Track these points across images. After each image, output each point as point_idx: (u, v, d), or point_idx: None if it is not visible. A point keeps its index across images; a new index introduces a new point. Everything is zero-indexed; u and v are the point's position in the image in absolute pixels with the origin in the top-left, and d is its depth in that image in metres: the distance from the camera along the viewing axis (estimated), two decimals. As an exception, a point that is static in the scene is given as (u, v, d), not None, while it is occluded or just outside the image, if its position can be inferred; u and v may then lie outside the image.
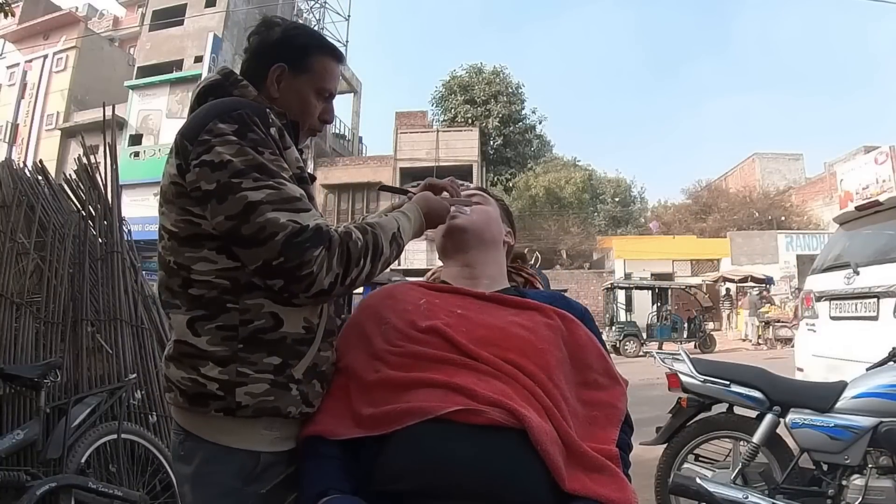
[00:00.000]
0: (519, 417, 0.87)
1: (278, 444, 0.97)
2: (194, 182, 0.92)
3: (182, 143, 0.95)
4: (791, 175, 25.85)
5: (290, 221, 0.89)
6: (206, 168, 0.91)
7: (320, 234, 0.91)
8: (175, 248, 0.96)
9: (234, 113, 0.95)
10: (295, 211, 0.91)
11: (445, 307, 1.07)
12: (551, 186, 24.15)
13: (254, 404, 0.93)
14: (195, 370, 0.93)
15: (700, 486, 2.15)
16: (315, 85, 1.11)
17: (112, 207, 3.07)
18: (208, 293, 0.94)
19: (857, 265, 3.52)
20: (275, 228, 0.88)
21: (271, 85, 1.08)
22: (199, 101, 1.05)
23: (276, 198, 0.90)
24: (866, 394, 2.16)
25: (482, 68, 26.33)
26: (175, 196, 0.96)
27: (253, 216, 0.88)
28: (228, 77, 1.06)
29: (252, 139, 0.93)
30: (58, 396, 2.46)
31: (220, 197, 0.90)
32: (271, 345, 0.94)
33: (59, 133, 22.37)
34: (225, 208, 0.90)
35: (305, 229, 0.89)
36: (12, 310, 2.52)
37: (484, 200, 1.26)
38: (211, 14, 21.38)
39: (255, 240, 0.88)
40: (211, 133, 0.92)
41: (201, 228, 0.95)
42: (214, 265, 0.94)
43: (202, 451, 0.95)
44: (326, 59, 1.11)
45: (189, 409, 0.95)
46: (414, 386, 0.94)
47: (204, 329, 0.94)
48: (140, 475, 2.55)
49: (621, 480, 0.90)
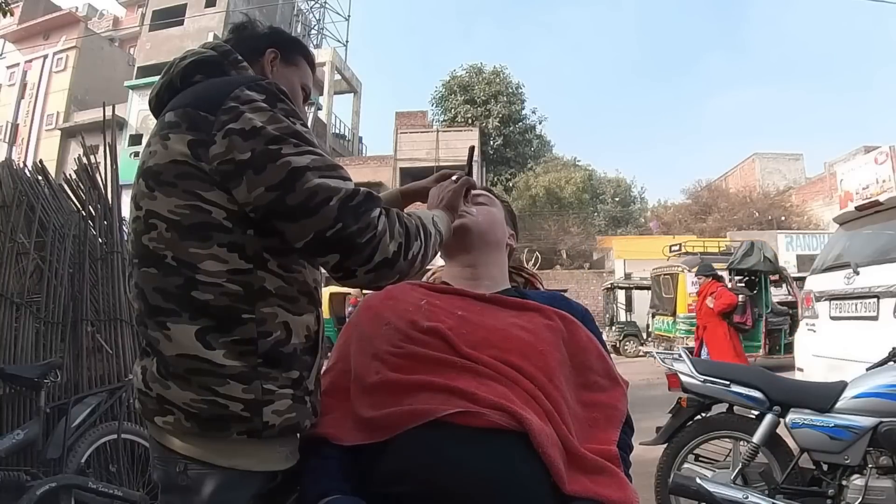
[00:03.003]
0: (519, 420, 0.87)
1: (291, 459, 0.92)
2: (223, 155, 0.81)
3: (196, 115, 0.84)
4: (791, 175, 25.84)
5: (341, 183, 0.81)
6: (237, 136, 0.81)
7: (373, 196, 0.83)
8: (175, 241, 0.83)
9: (263, 82, 0.87)
10: (340, 178, 0.82)
11: (446, 308, 1.07)
12: (551, 186, 24.15)
13: (280, 423, 0.85)
14: (209, 390, 0.82)
15: (700, 486, 2.15)
16: (301, 79, 1.08)
17: (112, 207, 3.07)
18: (217, 300, 0.82)
19: (857, 265, 3.53)
20: (328, 192, 0.79)
21: (266, 66, 1.03)
22: (186, 75, 0.94)
23: (321, 164, 0.81)
24: (866, 394, 2.16)
25: (482, 68, 26.34)
26: (178, 176, 0.83)
27: (299, 183, 0.79)
28: (227, 55, 0.96)
29: (282, 109, 0.85)
30: (58, 396, 2.46)
31: (258, 167, 0.80)
32: (288, 358, 0.88)
33: (59, 133, 22.39)
34: (265, 178, 0.79)
35: (358, 192, 0.82)
36: (12, 310, 2.53)
37: (489, 202, 1.25)
38: (211, 14, 21.42)
39: (305, 209, 0.79)
40: (238, 100, 0.83)
41: (211, 216, 0.83)
42: (225, 265, 0.83)
43: (215, 478, 0.84)
44: (307, 63, 1.11)
45: (199, 434, 0.84)
46: (414, 388, 0.94)
47: (218, 342, 0.82)
48: (140, 475, 2.56)
49: (622, 480, 0.90)
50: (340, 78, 25.31)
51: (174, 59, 0.98)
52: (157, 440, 0.89)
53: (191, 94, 0.89)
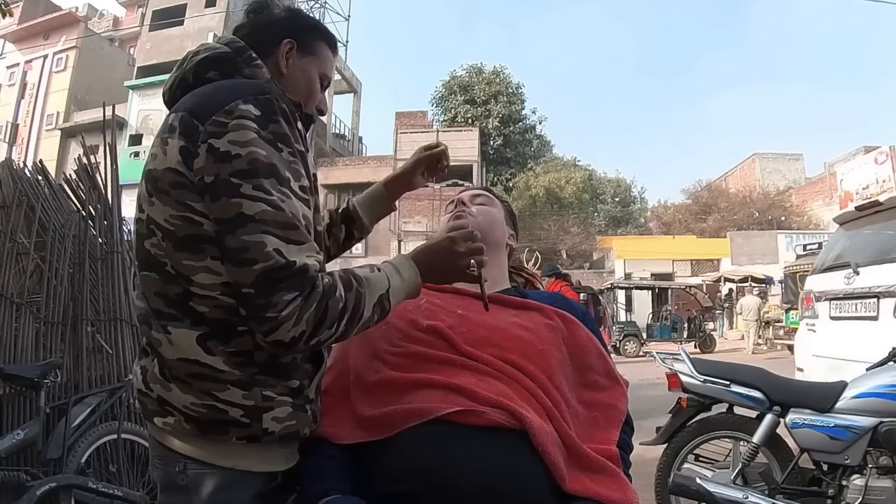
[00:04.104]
0: (519, 418, 0.87)
1: (290, 460, 0.93)
2: (200, 170, 0.80)
3: (190, 122, 0.82)
4: (791, 175, 25.88)
5: (276, 252, 0.77)
6: (211, 156, 0.79)
7: (303, 278, 0.78)
8: (171, 252, 0.82)
9: (263, 97, 0.82)
10: (286, 240, 0.78)
11: (446, 307, 1.07)
12: (551, 186, 24.18)
13: (279, 430, 0.85)
14: (209, 395, 0.82)
15: (700, 486, 2.15)
16: (320, 69, 1.02)
17: (112, 207, 3.07)
18: (212, 313, 0.82)
19: (857, 265, 3.52)
20: (256, 255, 0.76)
21: (281, 60, 0.96)
22: (199, 72, 0.92)
23: (271, 218, 0.78)
24: (866, 394, 2.16)
25: (482, 68, 26.40)
26: (172, 185, 0.82)
27: (240, 231, 0.77)
28: (241, 52, 0.92)
29: (274, 131, 0.81)
30: (58, 396, 2.46)
31: (214, 195, 0.79)
32: (287, 368, 0.87)
33: (59, 133, 22.39)
34: (216, 209, 0.79)
35: (288, 267, 0.77)
36: (12, 310, 2.53)
37: (489, 202, 1.25)
38: (211, 14, 21.42)
39: (233, 257, 0.78)
40: (230, 115, 0.80)
41: (202, 229, 0.81)
42: (219, 278, 0.81)
43: (215, 478, 0.85)
44: (328, 47, 1.04)
45: (199, 436, 0.84)
46: (414, 387, 0.94)
47: (218, 349, 0.83)
48: (140, 475, 2.56)
49: (622, 480, 0.89)
50: (340, 78, 25.28)
51: (188, 53, 0.95)
52: (156, 439, 0.88)
53: (194, 97, 0.87)
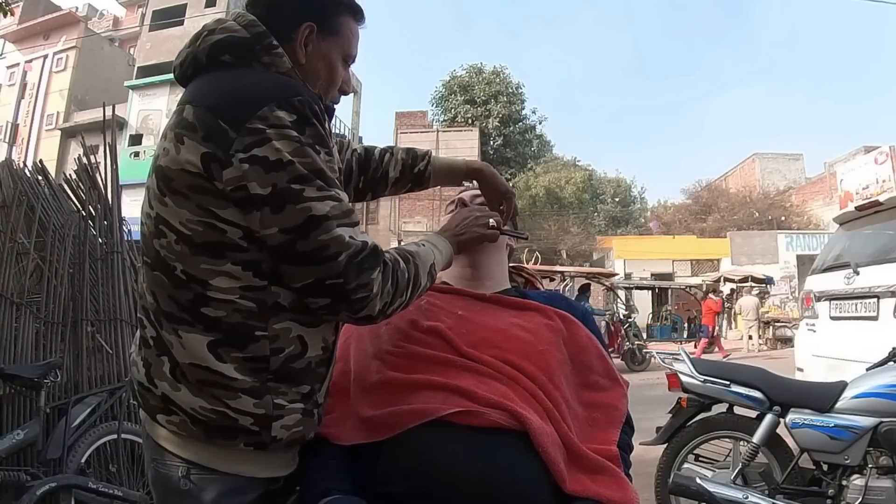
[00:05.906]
0: (519, 419, 0.87)
1: (293, 464, 0.93)
2: (238, 180, 0.76)
3: (215, 125, 0.77)
4: (791, 175, 25.86)
5: (352, 239, 0.79)
6: (259, 167, 0.75)
7: (377, 254, 0.82)
8: (185, 255, 0.80)
9: (295, 100, 0.79)
10: (351, 226, 0.80)
11: (446, 308, 1.07)
12: (551, 186, 24.16)
13: (287, 437, 0.85)
14: (220, 402, 0.81)
15: (700, 486, 2.15)
16: (343, 50, 0.94)
17: (112, 207, 3.07)
18: (229, 317, 0.80)
19: (857, 265, 3.53)
20: (339, 248, 0.77)
21: (299, 48, 0.89)
22: (213, 54, 0.85)
23: (339, 211, 0.79)
24: (866, 394, 2.16)
25: (482, 68, 26.37)
26: (191, 189, 0.78)
27: (315, 232, 0.77)
28: (261, 39, 0.86)
29: (312, 135, 0.80)
30: (58, 396, 2.46)
31: (277, 206, 0.76)
32: (301, 373, 0.86)
33: (59, 133, 22.37)
34: (281, 219, 0.76)
35: (365, 247, 0.80)
36: (12, 310, 2.53)
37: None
38: (211, 14, 21.38)
39: (314, 258, 0.77)
40: (266, 121, 0.76)
41: (226, 236, 0.78)
42: (238, 282, 0.80)
43: (218, 484, 0.84)
44: (352, 20, 0.95)
45: (205, 440, 0.82)
46: (415, 388, 0.94)
47: (230, 356, 0.81)
48: (140, 475, 2.55)
49: (622, 480, 0.90)
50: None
51: (203, 29, 0.89)
52: (155, 440, 0.86)
53: (213, 92, 0.82)
